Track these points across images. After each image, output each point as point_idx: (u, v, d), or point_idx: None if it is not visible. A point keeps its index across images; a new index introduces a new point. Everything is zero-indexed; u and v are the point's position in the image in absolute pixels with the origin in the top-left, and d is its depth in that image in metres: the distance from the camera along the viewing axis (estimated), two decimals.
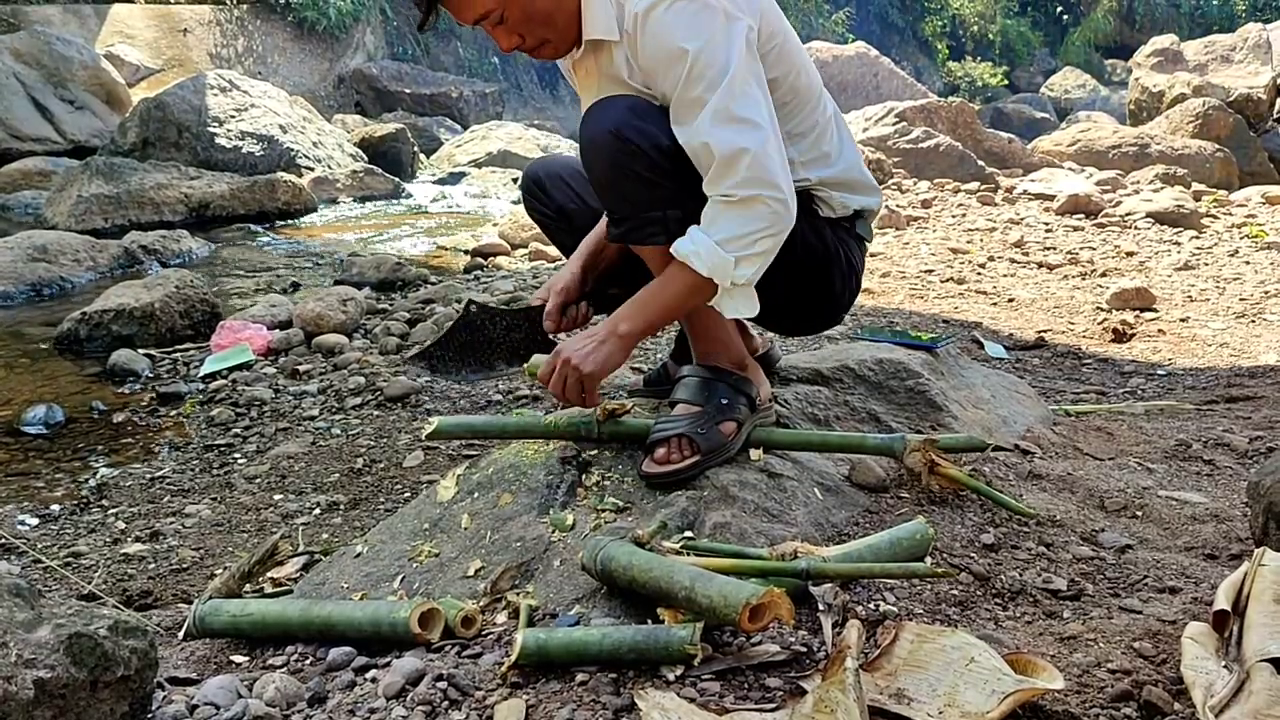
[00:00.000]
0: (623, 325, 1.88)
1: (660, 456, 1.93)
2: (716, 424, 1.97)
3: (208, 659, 1.73)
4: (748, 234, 1.79)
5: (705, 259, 1.79)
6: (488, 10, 1.85)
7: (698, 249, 1.80)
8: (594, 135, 1.84)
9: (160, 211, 8.04)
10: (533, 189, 2.30)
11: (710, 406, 1.99)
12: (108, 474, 3.12)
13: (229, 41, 15.38)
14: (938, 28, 21.77)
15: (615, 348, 1.88)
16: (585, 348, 1.88)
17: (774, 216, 1.80)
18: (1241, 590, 1.48)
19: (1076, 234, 6.92)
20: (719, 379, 2.03)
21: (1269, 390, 3.33)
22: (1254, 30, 12.14)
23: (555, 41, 1.93)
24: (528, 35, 1.90)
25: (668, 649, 1.44)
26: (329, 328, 4.40)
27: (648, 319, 1.91)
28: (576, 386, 1.88)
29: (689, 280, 1.83)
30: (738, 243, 1.79)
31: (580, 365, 1.86)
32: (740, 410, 2.02)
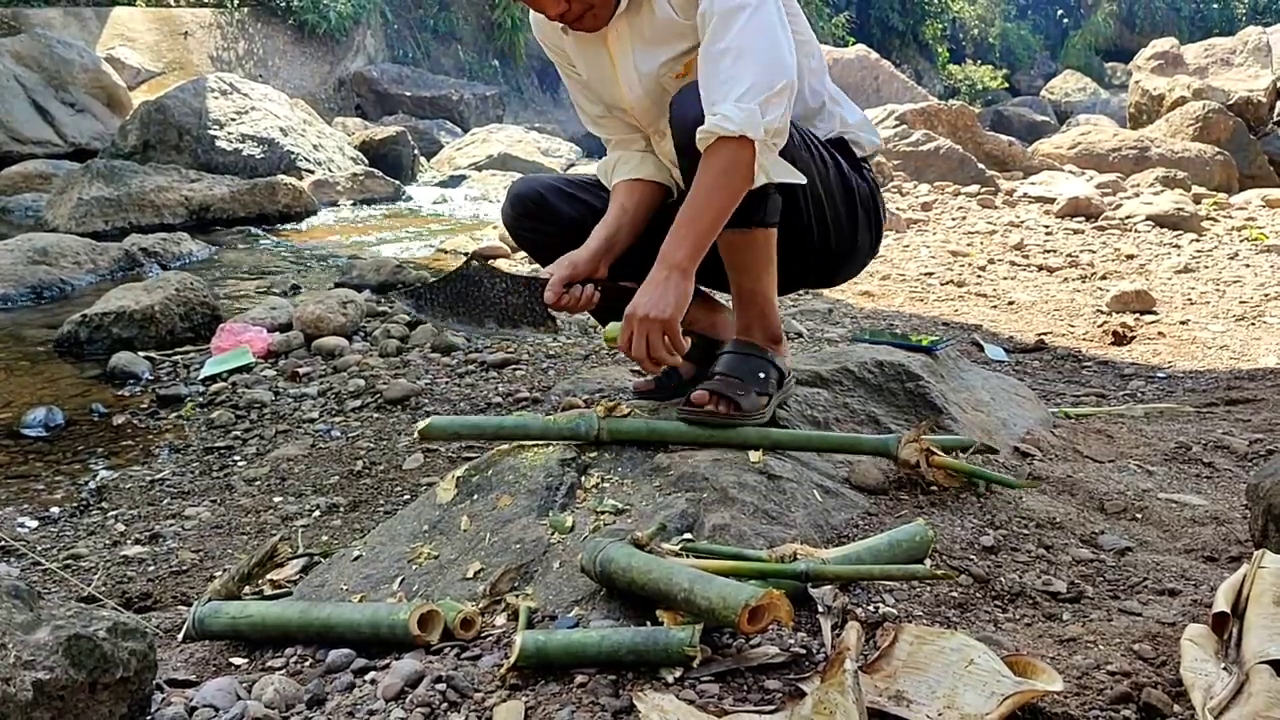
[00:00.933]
0: (676, 253, 1.86)
1: (698, 398, 2.03)
2: (753, 393, 2.08)
3: (207, 661, 1.73)
4: (764, 79, 1.81)
5: (734, 118, 1.80)
6: None
7: (722, 113, 1.80)
8: (690, 122, 1.86)
9: (161, 214, 8.04)
10: (530, 209, 2.24)
11: (750, 380, 2.09)
12: (107, 476, 3.12)
13: (229, 44, 15.40)
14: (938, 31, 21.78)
15: (679, 280, 1.86)
16: (651, 296, 1.85)
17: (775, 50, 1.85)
18: (1241, 592, 1.48)
19: (1076, 237, 6.93)
20: (756, 354, 2.13)
21: (1269, 393, 3.33)
22: (1254, 33, 12.14)
23: (599, 8, 1.96)
24: (575, 1, 1.93)
25: (667, 651, 1.44)
26: (329, 330, 4.40)
27: (698, 234, 1.87)
28: (660, 338, 1.86)
29: (723, 158, 1.83)
30: (753, 89, 1.81)
31: (656, 314, 1.84)
32: (772, 385, 2.13)
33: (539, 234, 2.25)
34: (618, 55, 2.07)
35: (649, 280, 1.88)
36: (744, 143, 1.82)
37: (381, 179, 10.26)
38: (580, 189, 2.27)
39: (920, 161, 9.05)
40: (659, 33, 1.98)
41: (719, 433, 2.05)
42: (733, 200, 1.88)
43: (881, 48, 18.07)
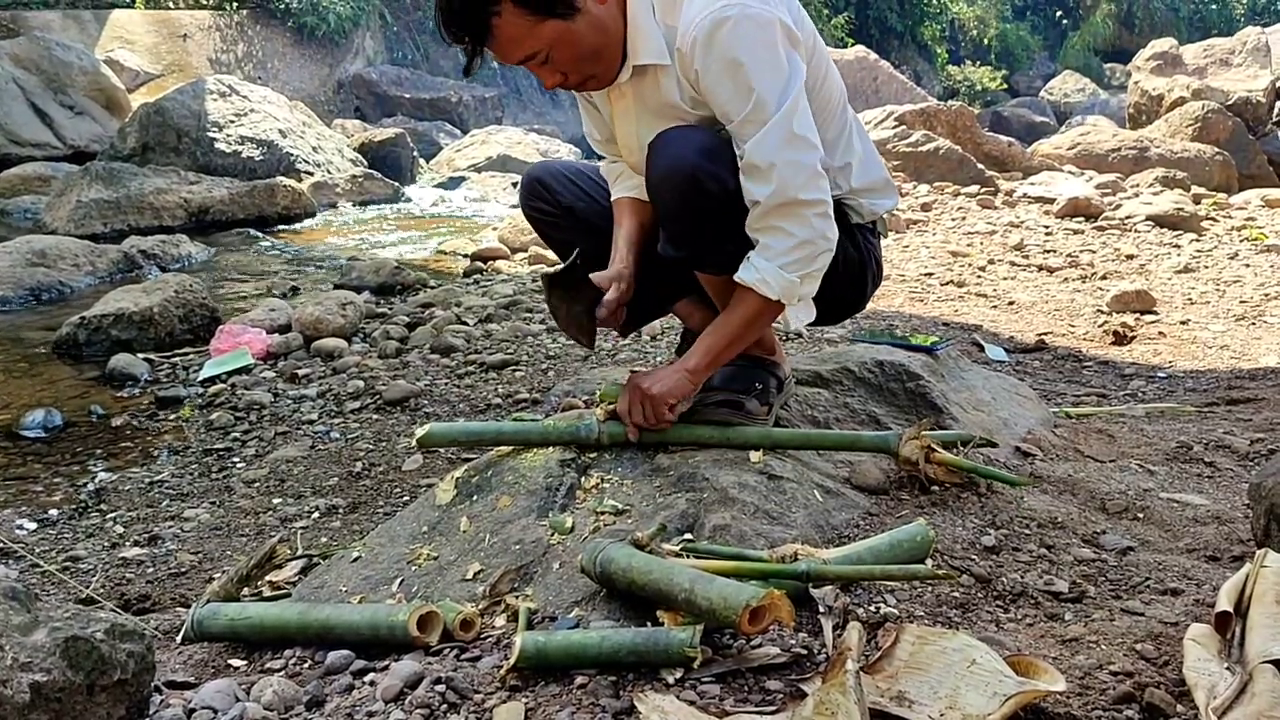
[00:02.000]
0: (693, 361, 1.99)
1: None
2: (754, 400, 2.12)
3: (206, 662, 1.73)
4: (806, 252, 1.87)
5: (774, 284, 1.88)
6: (534, 51, 1.84)
7: (764, 276, 1.88)
8: (667, 172, 1.87)
9: (160, 216, 8.04)
10: (536, 188, 2.30)
11: (749, 390, 2.12)
12: (106, 478, 3.12)
13: (229, 47, 15.40)
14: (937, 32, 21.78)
15: (684, 380, 2.00)
16: (660, 380, 1.99)
17: (825, 226, 1.88)
18: (1243, 592, 1.47)
19: (1076, 237, 6.92)
20: (755, 365, 2.16)
21: (1269, 392, 3.33)
22: (1252, 34, 12.13)
23: (600, 75, 1.94)
24: (572, 73, 1.91)
25: (667, 652, 1.43)
26: (328, 332, 4.40)
27: (716, 356, 2.01)
28: (648, 410, 2.00)
29: (756, 306, 1.93)
30: (799, 262, 1.87)
31: (659, 392, 1.98)
32: (772, 394, 2.17)
33: (540, 212, 2.32)
34: (619, 117, 2.07)
35: (664, 368, 2.04)
36: (773, 301, 1.92)
37: (380, 180, 10.26)
38: (582, 178, 2.32)
39: (920, 162, 9.04)
40: (663, 109, 1.95)
41: (720, 432, 2.05)
42: (754, 337, 2.05)
43: (880, 49, 18.07)
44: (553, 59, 1.86)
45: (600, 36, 1.86)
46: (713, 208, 1.88)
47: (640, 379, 2.00)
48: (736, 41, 1.77)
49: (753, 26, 1.78)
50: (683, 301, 2.44)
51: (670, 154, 1.87)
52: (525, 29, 1.80)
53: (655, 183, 1.91)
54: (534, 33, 1.80)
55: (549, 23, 1.80)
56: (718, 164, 1.86)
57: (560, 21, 1.80)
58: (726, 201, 1.87)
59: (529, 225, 2.45)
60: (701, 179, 1.85)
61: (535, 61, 1.86)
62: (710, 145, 1.86)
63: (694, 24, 1.78)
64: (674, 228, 1.96)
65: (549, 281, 2.04)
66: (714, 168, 1.85)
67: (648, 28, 1.88)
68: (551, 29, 1.81)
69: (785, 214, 1.84)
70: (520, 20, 1.78)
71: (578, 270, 2.03)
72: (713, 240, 1.94)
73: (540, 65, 1.87)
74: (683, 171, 1.85)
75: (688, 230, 1.94)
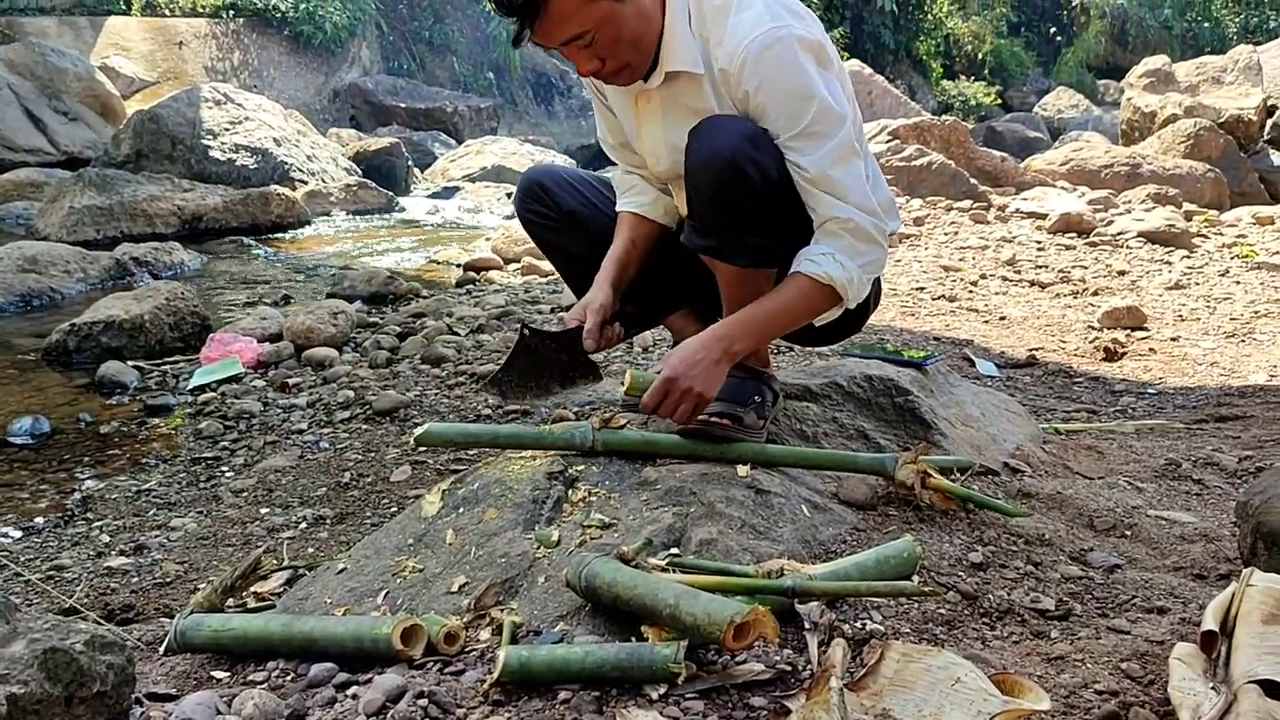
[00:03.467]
0: (736, 343, 1.95)
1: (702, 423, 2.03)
2: (752, 413, 2.10)
3: (188, 674, 1.72)
4: (873, 258, 1.96)
5: (856, 285, 1.94)
6: (581, 32, 1.85)
7: (851, 276, 1.92)
8: (710, 156, 1.88)
9: (152, 223, 8.03)
10: (535, 191, 2.31)
11: (747, 403, 2.10)
12: (93, 486, 3.10)
13: (224, 55, 15.41)
14: (931, 47, 21.86)
15: (726, 368, 1.96)
16: (699, 372, 1.92)
17: (880, 237, 1.97)
18: (1229, 611, 1.47)
19: (1068, 253, 6.94)
20: (751, 377, 2.14)
21: (1258, 410, 3.33)
22: (1245, 52, 12.17)
23: (635, 67, 1.96)
24: (610, 59, 1.92)
25: (651, 667, 1.42)
26: (319, 341, 4.39)
27: (759, 337, 2.01)
28: (690, 408, 1.95)
29: (816, 298, 1.94)
30: (871, 265, 1.96)
31: (700, 389, 1.92)
32: (767, 408, 2.16)
33: (539, 216, 2.33)
34: (645, 123, 2.09)
35: (698, 349, 1.94)
36: (839, 301, 1.96)
37: (375, 190, 10.26)
38: (582, 183, 2.34)
39: (913, 176, 9.06)
40: (698, 111, 1.97)
41: (714, 447, 2.04)
42: (802, 324, 2.04)
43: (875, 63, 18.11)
44: (596, 41, 1.87)
45: (643, 26, 1.90)
46: (751, 196, 1.89)
47: (679, 373, 1.92)
48: (790, 60, 1.84)
49: (802, 47, 1.86)
50: (676, 315, 2.45)
51: (714, 139, 1.88)
52: (578, 6, 1.82)
53: (695, 167, 1.91)
54: (585, 11, 1.83)
55: (601, 2, 1.83)
56: (761, 152, 1.88)
57: (612, 3, 1.84)
58: (766, 191, 1.88)
59: (524, 231, 2.46)
60: (744, 165, 1.85)
61: (579, 43, 1.87)
62: (755, 133, 1.89)
63: (744, 45, 1.85)
64: (707, 215, 1.95)
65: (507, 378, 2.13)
66: (758, 155, 1.87)
67: (684, 36, 1.92)
68: (602, 9, 1.83)
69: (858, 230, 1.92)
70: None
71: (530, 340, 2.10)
72: (745, 230, 1.94)
73: (583, 48, 1.88)
74: (724, 157, 1.86)
75: (721, 218, 1.93)
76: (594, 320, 2.12)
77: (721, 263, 2.03)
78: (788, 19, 1.86)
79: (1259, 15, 23.94)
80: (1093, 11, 24.89)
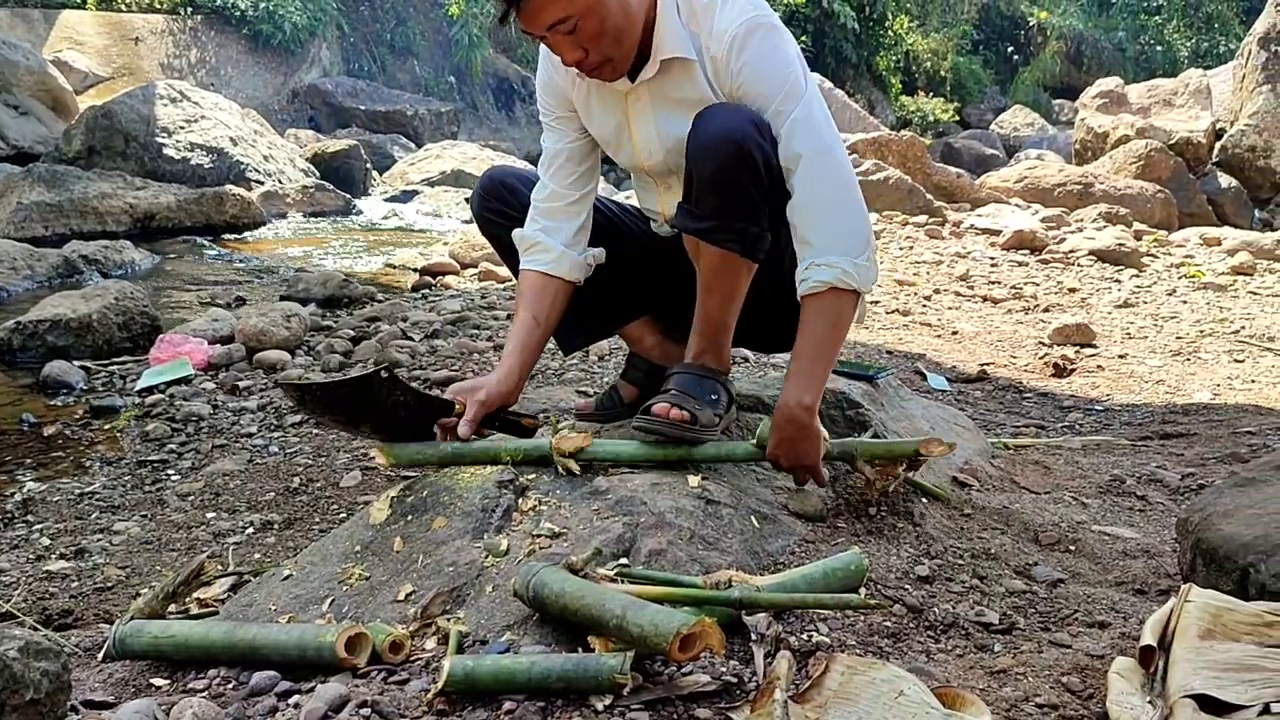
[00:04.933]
0: (805, 397, 1.95)
1: (659, 410, 2.01)
2: (709, 410, 2.07)
3: (126, 681, 1.69)
4: (860, 233, 1.94)
5: (855, 275, 1.92)
6: (565, 16, 1.86)
7: (845, 269, 1.91)
8: (717, 137, 1.89)
9: (103, 221, 7.90)
10: (497, 190, 2.30)
11: (704, 398, 2.07)
12: (35, 488, 3.04)
13: (181, 52, 15.23)
14: (892, 63, 22.05)
15: (817, 426, 1.99)
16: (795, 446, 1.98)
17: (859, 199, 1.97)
18: (1168, 626, 1.49)
19: (1021, 269, 7.04)
20: (710, 376, 2.12)
21: (1201, 428, 3.39)
22: (1195, 76, 12.42)
23: (617, 61, 1.97)
24: (593, 50, 1.92)
25: (597, 678, 1.42)
26: (271, 344, 4.34)
27: (819, 378, 1.98)
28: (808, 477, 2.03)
29: (835, 310, 1.94)
30: (860, 246, 1.93)
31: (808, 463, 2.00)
32: (723, 407, 2.13)
33: (500, 215, 2.30)
34: (635, 119, 2.09)
35: (787, 424, 1.97)
36: (853, 294, 1.94)
37: (332, 192, 10.18)
38: None
39: (870, 191, 9.14)
40: (691, 101, 1.99)
41: (674, 451, 2.03)
42: (842, 342, 2.03)
43: (836, 78, 18.26)
44: (580, 29, 1.88)
45: (627, 22, 1.92)
46: (753, 181, 1.91)
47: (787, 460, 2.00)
48: (773, 40, 1.94)
49: (783, 35, 1.96)
50: (634, 324, 2.44)
51: (724, 121, 1.90)
52: None
53: (702, 146, 1.92)
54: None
55: None
56: (767, 140, 1.92)
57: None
58: (767, 179, 1.92)
59: (481, 237, 2.44)
60: (750, 149, 1.88)
61: (563, 29, 1.87)
62: (760, 121, 1.93)
63: (731, 27, 1.91)
64: (706, 195, 1.95)
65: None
66: (764, 142, 1.91)
67: (674, 26, 1.96)
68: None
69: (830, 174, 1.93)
70: None
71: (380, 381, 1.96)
72: (740, 214, 1.94)
73: (565, 35, 1.88)
74: (734, 139, 1.88)
75: (720, 199, 1.93)
76: (475, 412, 2.05)
77: (709, 247, 1.99)
78: (769, 12, 1.96)
79: (1210, 40, 24.43)
80: (1050, 33, 25.28)
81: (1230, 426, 3.37)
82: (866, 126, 13.04)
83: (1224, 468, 2.78)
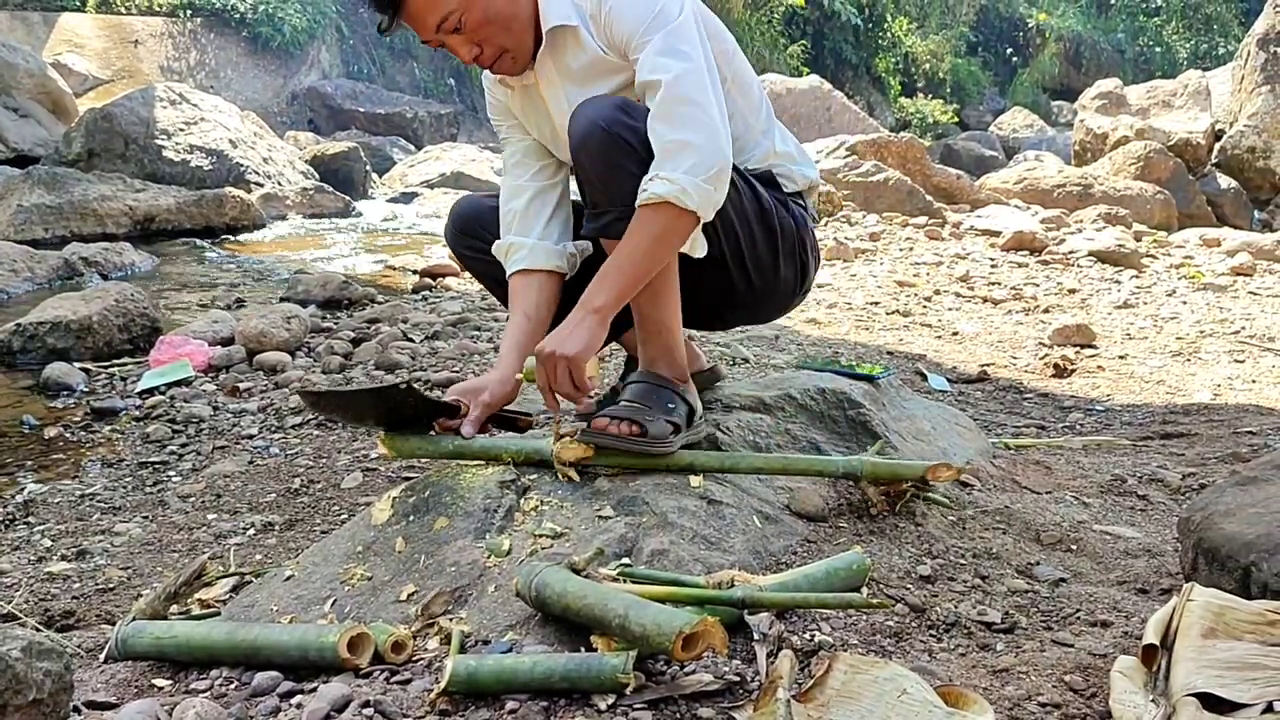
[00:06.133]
0: (596, 299, 1.89)
1: (598, 425, 1.97)
2: (662, 419, 2.01)
3: (129, 682, 1.69)
4: (706, 154, 1.83)
5: (693, 194, 1.83)
6: (447, 13, 1.88)
7: (682, 186, 1.82)
8: (587, 131, 1.88)
9: (103, 223, 7.90)
10: (466, 224, 2.29)
11: (657, 408, 2.03)
12: (36, 490, 3.04)
13: (181, 54, 15.24)
14: (891, 64, 22.07)
15: (594, 324, 1.88)
16: (561, 335, 1.88)
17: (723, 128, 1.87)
18: (1170, 625, 1.49)
19: (1021, 270, 7.04)
20: (665, 386, 2.07)
21: (1202, 428, 3.39)
22: (1194, 77, 12.44)
23: (514, 50, 1.97)
24: (486, 44, 1.94)
25: (600, 678, 1.42)
26: (271, 345, 4.34)
27: (621, 287, 1.90)
28: (566, 375, 1.88)
29: (666, 222, 1.85)
30: (711, 171, 1.84)
31: (562, 351, 1.86)
32: (680, 417, 2.07)
33: (475, 250, 2.29)
34: (550, 100, 2.08)
35: (565, 321, 1.90)
36: (689, 216, 1.86)
37: (332, 194, 10.17)
38: None
39: (870, 192, 9.15)
40: (589, 70, 1.99)
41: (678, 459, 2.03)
42: (662, 263, 1.93)
43: (835, 79, 18.27)
44: (465, 24, 1.90)
45: (511, 6, 1.93)
46: (631, 164, 1.87)
47: (549, 344, 1.89)
48: None
49: None
50: (630, 331, 2.44)
51: (584, 118, 1.89)
52: None
53: (576, 147, 1.91)
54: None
55: None
56: (636, 118, 1.88)
57: None
58: (646, 157, 1.87)
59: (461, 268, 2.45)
60: (619, 132, 1.86)
61: (448, 26, 1.90)
62: (623, 103, 1.89)
63: None
64: (597, 192, 1.94)
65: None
66: (631, 120, 1.87)
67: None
68: None
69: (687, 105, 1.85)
70: None
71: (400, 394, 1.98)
72: (633, 197, 1.88)
73: (453, 33, 1.91)
74: (598, 126, 1.86)
75: (608, 189, 1.91)
76: (479, 412, 2.07)
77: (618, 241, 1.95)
78: None
79: (1208, 41, 24.47)
80: (1048, 34, 25.31)
81: (1231, 426, 3.37)
82: (866, 128, 13.04)
83: (1225, 467, 2.78)
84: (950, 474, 2.07)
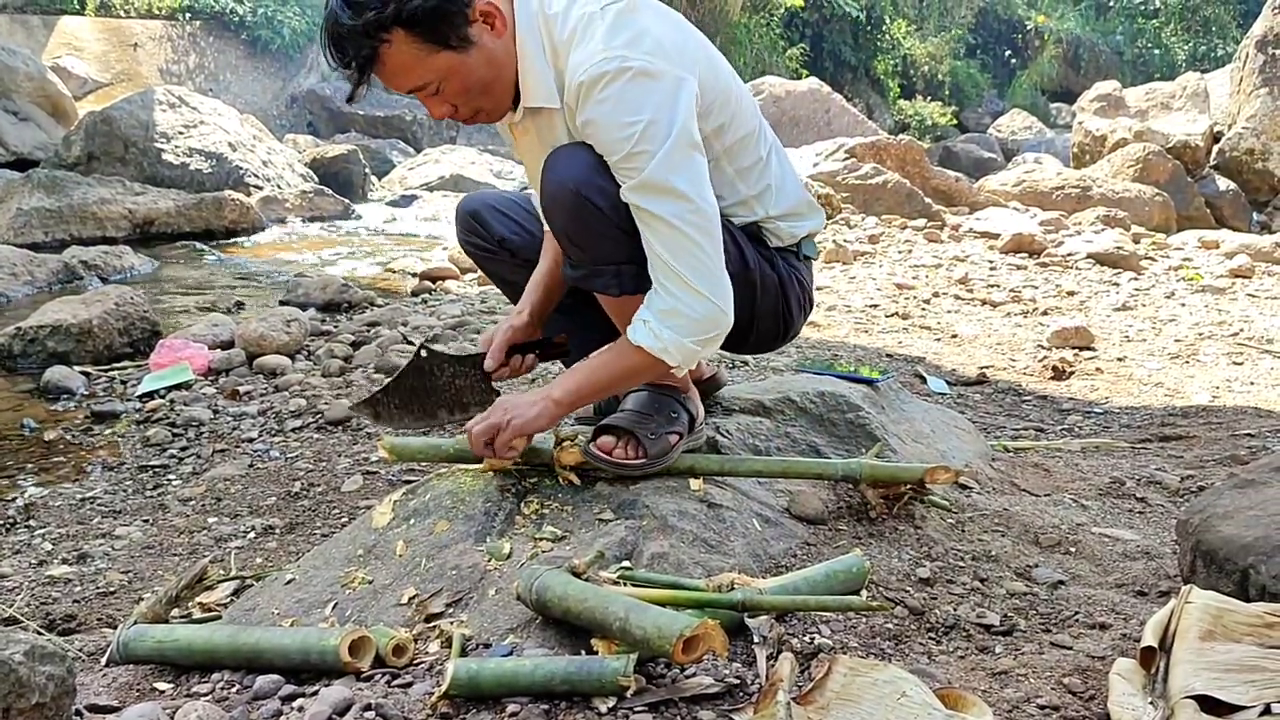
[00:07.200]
0: (557, 391, 1.92)
1: (605, 445, 1.99)
2: (664, 434, 2.03)
3: (130, 686, 1.69)
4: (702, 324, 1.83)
5: (675, 354, 1.84)
6: (425, 83, 1.82)
7: (666, 346, 1.83)
8: (556, 190, 1.83)
9: (103, 227, 7.91)
10: (470, 223, 2.29)
11: (660, 417, 2.04)
12: (36, 494, 3.05)
13: (180, 57, 15.24)
14: (890, 67, 22.09)
15: (544, 411, 1.91)
16: (521, 403, 1.92)
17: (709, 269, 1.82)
18: (1168, 627, 1.50)
19: (1019, 273, 7.04)
20: (667, 394, 2.09)
21: (1200, 430, 3.40)
22: (1193, 79, 12.45)
23: (489, 110, 1.93)
24: (462, 105, 1.89)
25: (600, 681, 1.43)
26: (271, 349, 4.34)
27: (582, 394, 1.95)
28: (507, 436, 1.91)
29: (642, 363, 1.88)
30: (696, 329, 1.83)
31: (515, 416, 1.90)
32: (683, 425, 2.09)
33: (476, 246, 2.30)
34: (525, 152, 2.06)
35: (530, 394, 1.96)
36: (665, 365, 1.88)
37: (331, 197, 10.17)
38: (514, 209, 2.29)
39: (869, 194, 9.15)
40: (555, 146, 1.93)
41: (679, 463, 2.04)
42: (623, 388, 2.04)
43: (834, 81, 18.27)
44: (443, 91, 1.84)
45: (492, 71, 1.85)
46: (603, 223, 1.83)
47: (505, 403, 1.93)
48: (619, 90, 1.74)
49: (636, 81, 1.75)
50: None
51: (555, 174, 1.84)
52: (416, 59, 1.78)
53: (546, 204, 1.88)
54: (425, 64, 1.79)
55: (442, 55, 1.78)
56: (606, 178, 1.81)
57: (454, 54, 1.79)
58: (614, 218, 1.82)
59: None
60: (588, 194, 1.80)
61: (425, 93, 1.84)
62: (595, 161, 1.82)
63: (579, 74, 1.77)
64: (569, 248, 1.92)
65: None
66: (601, 181, 1.81)
67: (538, 71, 1.87)
68: (444, 61, 1.79)
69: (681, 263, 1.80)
70: (412, 50, 1.76)
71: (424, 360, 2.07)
72: (606, 258, 1.87)
73: (430, 96, 1.85)
74: (568, 189, 1.81)
75: (581, 247, 1.89)
76: (501, 339, 2.09)
77: (596, 293, 1.97)
78: (621, 50, 1.75)
79: (1207, 43, 24.48)
80: (1047, 36, 25.32)
81: (1229, 429, 3.37)
82: (865, 130, 13.05)
83: (1223, 470, 2.79)
84: (949, 476, 2.08)
